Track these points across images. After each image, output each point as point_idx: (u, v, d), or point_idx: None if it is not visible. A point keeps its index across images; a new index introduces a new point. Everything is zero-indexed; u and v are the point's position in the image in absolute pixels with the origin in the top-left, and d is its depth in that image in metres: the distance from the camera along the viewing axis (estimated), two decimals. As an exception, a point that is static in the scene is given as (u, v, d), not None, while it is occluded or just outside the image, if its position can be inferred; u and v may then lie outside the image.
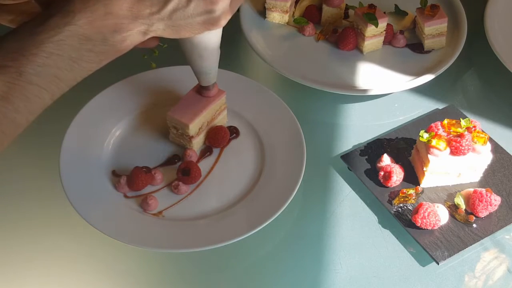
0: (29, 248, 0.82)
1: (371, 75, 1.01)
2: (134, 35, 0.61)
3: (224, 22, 0.65)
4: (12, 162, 0.91)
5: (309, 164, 0.85)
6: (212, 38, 0.74)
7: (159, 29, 0.62)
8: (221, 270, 0.81)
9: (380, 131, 0.94)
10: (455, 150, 0.81)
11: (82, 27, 0.57)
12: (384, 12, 1.03)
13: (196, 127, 0.87)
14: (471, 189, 0.83)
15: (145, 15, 0.60)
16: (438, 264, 0.77)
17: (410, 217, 0.81)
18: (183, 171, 0.84)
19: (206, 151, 0.90)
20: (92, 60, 0.60)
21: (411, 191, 0.83)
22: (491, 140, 0.88)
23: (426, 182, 0.85)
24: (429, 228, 0.79)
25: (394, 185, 0.85)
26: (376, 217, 0.84)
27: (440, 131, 0.83)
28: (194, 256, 0.80)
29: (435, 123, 0.84)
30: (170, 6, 0.60)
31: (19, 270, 0.80)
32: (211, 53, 0.76)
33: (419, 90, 1.01)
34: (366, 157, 0.89)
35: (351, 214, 0.85)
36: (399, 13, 1.10)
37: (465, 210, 0.82)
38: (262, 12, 1.11)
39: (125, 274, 0.80)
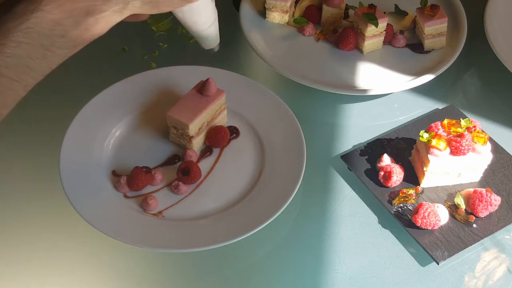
0: (29, 248, 0.82)
1: (371, 75, 1.01)
2: (109, 16, 0.57)
3: None
4: (12, 162, 0.91)
5: (309, 164, 0.85)
6: (202, 2, 0.68)
7: (136, 6, 0.59)
8: (221, 270, 0.81)
9: (380, 131, 0.94)
10: (455, 150, 0.81)
11: (50, 12, 0.54)
12: (384, 12, 1.03)
13: (196, 127, 0.87)
14: (471, 189, 0.83)
15: None
16: (438, 264, 0.77)
17: (410, 217, 0.81)
18: (183, 171, 0.84)
19: (206, 151, 0.90)
20: (65, 46, 0.56)
21: (411, 191, 0.83)
22: (491, 140, 0.88)
23: (426, 182, 0.85)
24: (429, 228, 0.79)
25: (394, 185, 0.85)
26: (376, 217, 0.84)
27: (440, 131, 0.83)
28: (194, 256, 0.80)
29: (435, 123, 0.84)
30: None
31: (19, 270, 0.80)
32: (206, 17, 0.72)
33: (419, 90, 1.01)
34: (366, 157, 0.89)
35: (351, 214, 0.85)
36: (399, 13, 1.10)
37: (465, 210, 0.82)
38: (262, 12, 1.10)
39: (125, 274, 0.80)
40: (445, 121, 0.84)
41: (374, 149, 0.90)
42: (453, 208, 0.83)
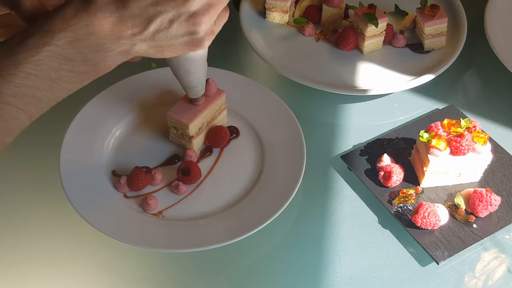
0: (29, 248, 0.82)
1: (371, 75, 1.01)
2: (116, 55, 0.60)
3: (207, 43, 0.64)
4: (12, 162, 0.91)
5: (309, 164, 0.85)
6: (198, 53, 0.72)
7: (142, 49, 0.61)
8: (221, 270, 0.81)
9: (380, 131, 0.94)
10: (455, 150, 0.81)
11: (62, 47, 0.56)
12: (384, 12, 1.03)
13: (196, 127, 0.87)
14: (471, 189, 0.83)
15: (127, 35, 0.59)
16: (438, 264, 0.77)
17: (410, 217, 0.81)
18: (183, 171, 0.84)
19: (206, 151, 0.90)
20: (72, 81, 0.59)
21: (411, 191, 0.83)
22: (491, 140, 0.88)
23: (426, 182, 0.85)
24: (429, 228, 0.79)
25: (394, 185, 0.85)
26: (376, 217, 0.84)
27: (440, 131, 0.83)
28: (194, 256, 0.80)
29: (435, 123, 0.84)
30: (152, 27, 0.59)
31: (19, 270, 0.80)
32: (198, 67, 0.75)
33: (419, 90, 1.01)
34: (366, 157, 0.89)
35: (351, 214, 0.85)
36: (399, 13, 1.10)
37: (465, 210, 0.82)
38: (262, 12, 1.10)
39: (125, 274, 0.80)
40: (445, 121, 0.84)
41: (374, 149, 0.90)
42: (453, 208, 0.83)
